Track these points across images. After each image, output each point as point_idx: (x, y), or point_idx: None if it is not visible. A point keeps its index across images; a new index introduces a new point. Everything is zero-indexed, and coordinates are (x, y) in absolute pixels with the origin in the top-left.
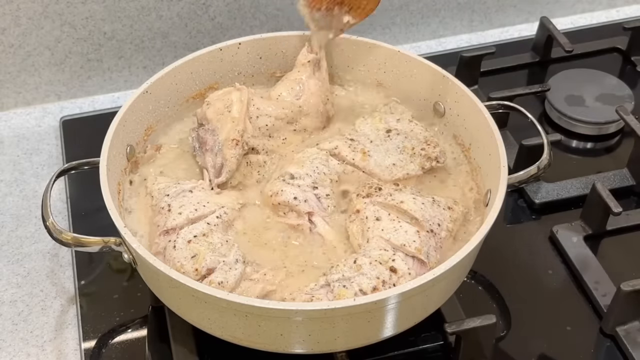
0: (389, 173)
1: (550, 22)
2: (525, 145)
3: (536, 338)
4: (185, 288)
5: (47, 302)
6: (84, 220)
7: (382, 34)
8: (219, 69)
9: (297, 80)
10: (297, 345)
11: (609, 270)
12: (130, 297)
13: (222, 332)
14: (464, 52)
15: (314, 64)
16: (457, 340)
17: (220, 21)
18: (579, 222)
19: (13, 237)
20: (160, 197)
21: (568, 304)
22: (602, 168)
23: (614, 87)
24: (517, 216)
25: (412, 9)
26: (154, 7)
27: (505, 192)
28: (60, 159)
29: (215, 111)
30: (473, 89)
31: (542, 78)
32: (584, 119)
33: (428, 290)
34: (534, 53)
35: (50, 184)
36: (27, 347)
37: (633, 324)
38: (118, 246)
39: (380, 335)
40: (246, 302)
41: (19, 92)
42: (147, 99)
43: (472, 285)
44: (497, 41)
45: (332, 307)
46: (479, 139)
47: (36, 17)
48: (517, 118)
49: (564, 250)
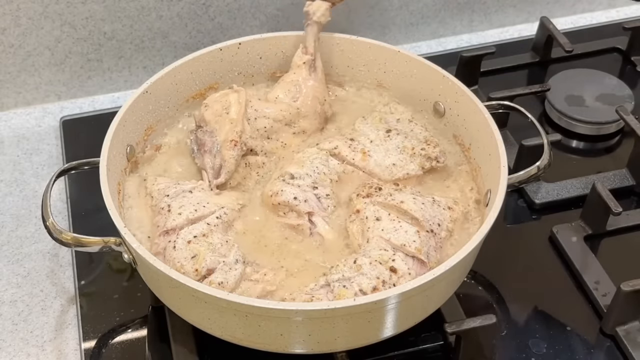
0: (389, 173)
1: (550, 22)
2: (526, 145)
3: (536, 338)
4: (185, 288)
5: (47, 302)
6: (84, 220)
7: (382, 34)
8: (219, 69)
9: (293, 82)
10: (297, 345)
11: (609, 270)
12: (130, 297)
13: (222, 332)
14: (464, 52)
15: (309, 65)
16: (457, 341)
17: (220, 21)
18: (579, 222)
19: (13, 237)
20: (160, 198)
21: (568, 304)
22: (602, 168)
23: (614, 87)
24: (517, 216)
25: (412, 9)
26: (154, 7)
27: (505, 192)
28: (60, 159)
29: (213, 113)
30: (473, 89)
31: (542, 78)
32: (584, 119)
33: (428, 290)
34: (534, 53)
35: (50, 184)
36: (27, 347)
37: (633, 324)
38: (118, 246)
39: (380, 335)
40: (246, 302)
41: (19, 92)
42: (147, 99)
43: (472, 285)
44: (497, 41)
45: (332, 307)
46: (479, 139)
47: (36, 17)
48: (517, 118)
49: (564, 250)
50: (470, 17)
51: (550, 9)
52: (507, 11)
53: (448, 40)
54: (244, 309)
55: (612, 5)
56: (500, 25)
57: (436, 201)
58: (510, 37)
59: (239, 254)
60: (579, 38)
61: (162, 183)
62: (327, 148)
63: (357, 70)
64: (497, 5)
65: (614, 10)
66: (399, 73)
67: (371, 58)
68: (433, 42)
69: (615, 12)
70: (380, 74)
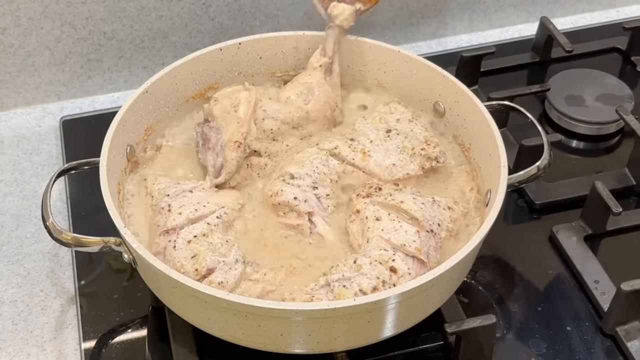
0: (389, 173)
1: (550, 22)
2: (526, 146)
3: (536, 338)
4: (185, 288)
5: (47, 302)
6: (84, 220)
7: (382, 34)
8: (219, 69)
9: (307, 84)
10: (297, 345)
11: (609, 270)
12: (130, 297)
13: (222, 332)
14: (464, 52)
15: (325, 68)
16: (457, 341)
17: (220, 21)
18: (579, 222)
19: (13, 237)
20: (161, 197)
21: (568, 304)
22: (602, 168)
23: (614, 87)
24: (517, 216)
25: (412, 9)
26: (154, 7)
27: (505, 192)
28: (60, 159)
29: (222, 109)
30: (473, 89)
31: (542, 78)
32: (584, 119)
33: (428, 290)
34: (534, 53)
35: (50, 184)
36: (27, 347)
37: (633, 324)
38: (118, 246)
39: (380, 335)
40: (246, 302)
41: (19, 92)
42: (147, 99)
43: (473, 285)
44: (497, 41)
45: (332, 307)
46: (479, 139)
47: (36, 17)
48: (517, 118)
49: (564, 250)
50: (470, 17)
51: (550, 9)
52: (507, 11)
53: (448, 40)
54: (244, 309)
55: (612, 5)
56: (500, 25)
57: (436, 201)
58: (510, 37)
59: (239, 253)
60: (579, 38)
61: (162, 183)
62: (327, 148)
63: (357, 70)
64: (497, 5)
65: (614, 10)
66: (399, 73)
67: (371, 58)
68: (433, 42)
69: (615, 12)
70: (380, 74)
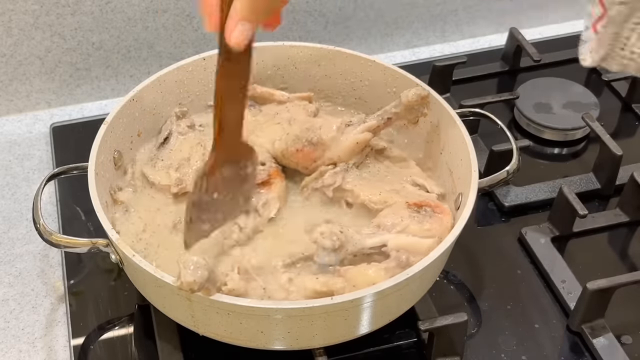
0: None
1: (519, 33)
2: (496, 151)
3: (506, 335)
4: (170, 287)
5: (37, 301)
6: (73, 222)
7: (358, 44)
8: (203, 77)
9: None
10: (276, 341)
11: (575, 270)
12: (117, 296)
13: (205, 329)
14: (437, 62)
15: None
16: (430, 337)
17: (204, 32)
18: (547, 224)
19: (5, 239)
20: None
21: (536, 303)
22: (569, 172)
23: (580, 95)
24: (488, 218)
25: (387, 20)
26: (140, 19)
27: (476, 195)
28: (51, 163)
29: None
30: (445, 97)
31: (511, 86)
32: (552, 126)
33: (402, 290)
34: (503, 62)
35: (40, 187)
36: (19, 344)
37: (598, 321)
38: (106, 247)
39: (356, 332)
40: (228, 301)
41: (10, 99)
42: (133, 106)
43: (445, 284)
44: (468, 51)
45: (310, 306)
46: (451, 144)
47: (27, 28)
48: (487, 125)
49: (532, 251)
50: (442, 28)
51: (520, 20)
52: (478, 22)
53: (421, 50)
54: (226, 307)
55: (579, 17)
56: (471, 35)
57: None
58: (481, 47)
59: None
60: (547, 48)
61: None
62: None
63: (334, 80)
64: (468, 16)
65: (581, 22)
66: (375, 82)
67: (347, 67)
68: (407, 52)
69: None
70: (357, 83)
